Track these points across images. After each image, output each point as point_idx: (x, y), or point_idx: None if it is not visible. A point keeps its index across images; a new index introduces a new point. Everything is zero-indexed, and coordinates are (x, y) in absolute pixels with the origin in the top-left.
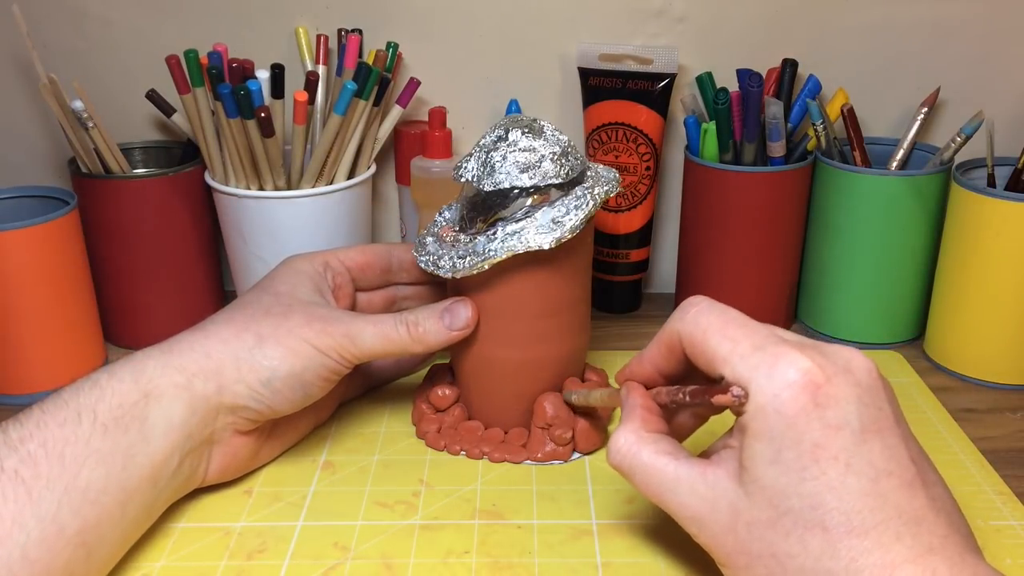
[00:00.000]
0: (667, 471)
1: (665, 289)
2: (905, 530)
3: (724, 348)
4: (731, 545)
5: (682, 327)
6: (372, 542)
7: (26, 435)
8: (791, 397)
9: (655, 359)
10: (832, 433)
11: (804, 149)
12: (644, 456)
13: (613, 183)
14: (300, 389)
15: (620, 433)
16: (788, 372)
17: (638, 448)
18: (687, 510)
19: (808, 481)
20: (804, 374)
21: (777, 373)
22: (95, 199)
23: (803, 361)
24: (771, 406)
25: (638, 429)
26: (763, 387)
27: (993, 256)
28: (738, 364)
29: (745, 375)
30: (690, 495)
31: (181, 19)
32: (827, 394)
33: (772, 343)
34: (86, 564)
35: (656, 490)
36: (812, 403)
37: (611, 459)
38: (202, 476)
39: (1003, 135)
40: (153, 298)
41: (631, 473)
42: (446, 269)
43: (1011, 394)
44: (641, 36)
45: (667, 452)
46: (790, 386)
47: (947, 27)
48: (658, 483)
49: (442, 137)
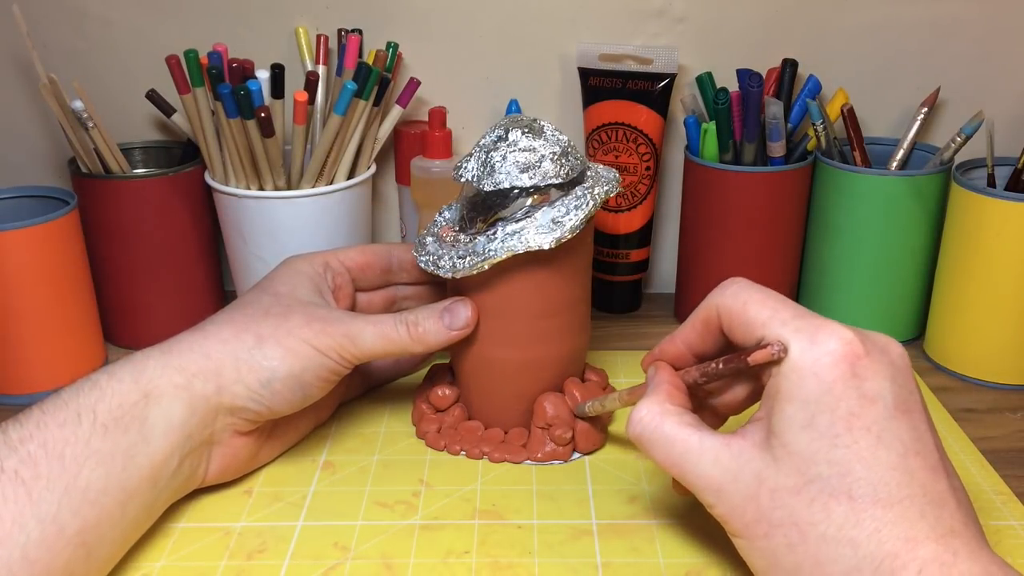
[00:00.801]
0: (691, 441)
1: (665, 289)
2: (929, 509)
3: (764, 314)
4: (751, 514)
5: (721, 300)
6: (372, 542)
7: (26, 435)
8: (831, 363)
9: (688, 337)
10: (867, 404)
11: (804, 149)
12: (667, 427)
13: (613, 183)
14: (299, 390)
15: (643, 404)
16: (830, 340)
17: (661, 419)
18: (708, 480)
19: (839, 448)
20: (846, 343)
21: (819, 339)
22: (95, 199)
23: (845, 332)
24: (810, 370)
25: (663, 401)
26: (804, 351)
27: (993, 256)
28: (779, 328)
29: (787, 338)
30: (713, 465)
31: (181, 19)
32: (865, 366)
33: (811, 315)
34: (86, 564)
35: (677, 460)
36: (851, 372)
37: (631, 429)
38: (202, 476)
39: (1003, 135)
40: (153, 298)
41: (651, 443)
42: (446, 269)
43: (1011, 394)
44: (641, 36)
45: (690, 424)
46: (831, 353)
47: (947, 27)
48: (680, 453)
49: (442, 137)
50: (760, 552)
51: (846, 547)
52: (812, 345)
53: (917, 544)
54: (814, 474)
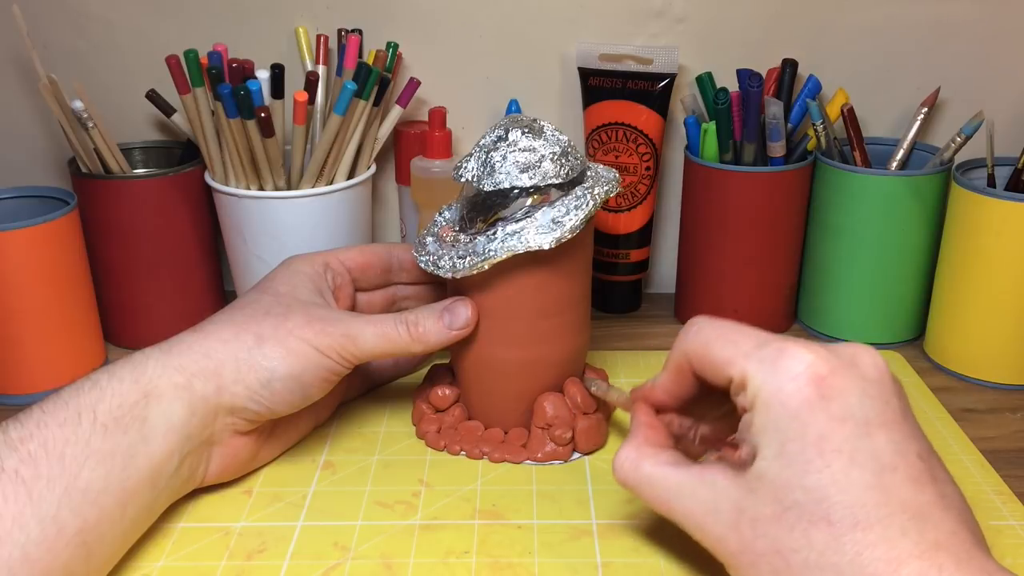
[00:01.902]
0: (668, 479)
1: (665, 289)
2: (911, 525)
3: (727, 351)
4: (735, 544)
5: (686, 346)
6: (372, 542)
7: (26, 435)
8: (795, 389)
9: (666, 385)
10: (836, 425)
11: (804, 149)
12: (645, 468)
13: (613, 183)
14: (299, 390)
15: (622, 450)
16: (792, 365)
17: (639, 462)
18: (691, 515)
19: (812, 474)
20: (808, 366)
21: (781, 366)
22: (95, 199)
23: (806, 355)
24: (775, 399)
25: (640, 444)
26: (767, 381)
27: (993, 256)
28: (743, 362)
29: (750, 371)
30: (692, 499)
31: (181, 19)
32: (831, 386)
33: (774, 340)
34: (86, 564)
35: (661, 499)
36: (816, 395)
37: (616, 476)
38: (202, 476)
39: (1003, 135)
40: (153, 298)
41: (636, 486)
42: (446, 269)
43: (1011, 394)
44: (641, 36)
45: (667, 462)
46: (794, 379)
47: (947, 27)
48: (662, 492)
49: (442, 137)
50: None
51: (829, 573)
52: (775, 374)
53: (900, 564)
54: (791, 502)
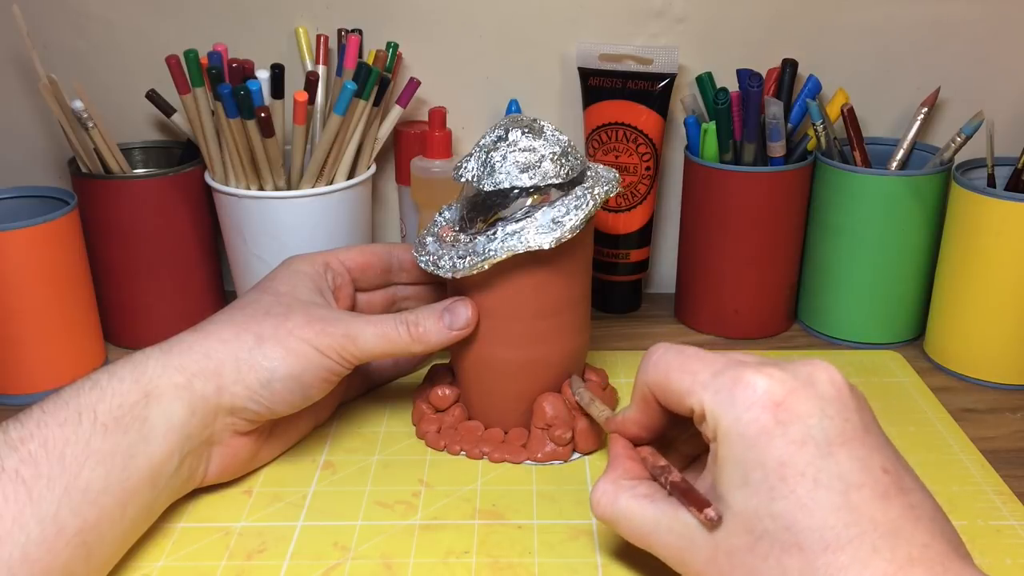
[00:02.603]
0: (645, 514)
1: (665, 289)
2: (882, 543)
3: (686, 382)
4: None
5: (646, 377)
6: (372, 542)
7: (26, 435)
8: (752, 418)
9: (635, 417)
10: (796, 449)
11: (804, 149)
12: (622, 502)
13: (613, 183)
14: (299, 390)
15: (599, 484)
16: (747, 394)
17: (615, 496)
18: (668, 549)
19: (778, 501)
20: (763, 394)
21: (736, 396)
22: (95, 199)
23: (760, 380)
24: (734, 430)
25: (617, 478)
26: (725, 412)
27: (993, 256)
28: (700, 393)
29: (708, 403)
30: (668, 533)
31: (181, 19)
32: (788, 410)
33: (730, 367)
34: (86, 564)
35: (638, 533)
36: (773, 421)
37: (594, 511)
38: (201, 476)
39: (1003, 135)
40: (153, 298)
41: (614, 520)
42: (446, 269)
43: (1011, 394)
44: (641, 36)
45: (644, 495)
46: (750, 407)
47: (947, 27)
48: (639, 526)
49: (442, 137)
50: None
51: None
52: (732, 405)
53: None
54: (761, 531)
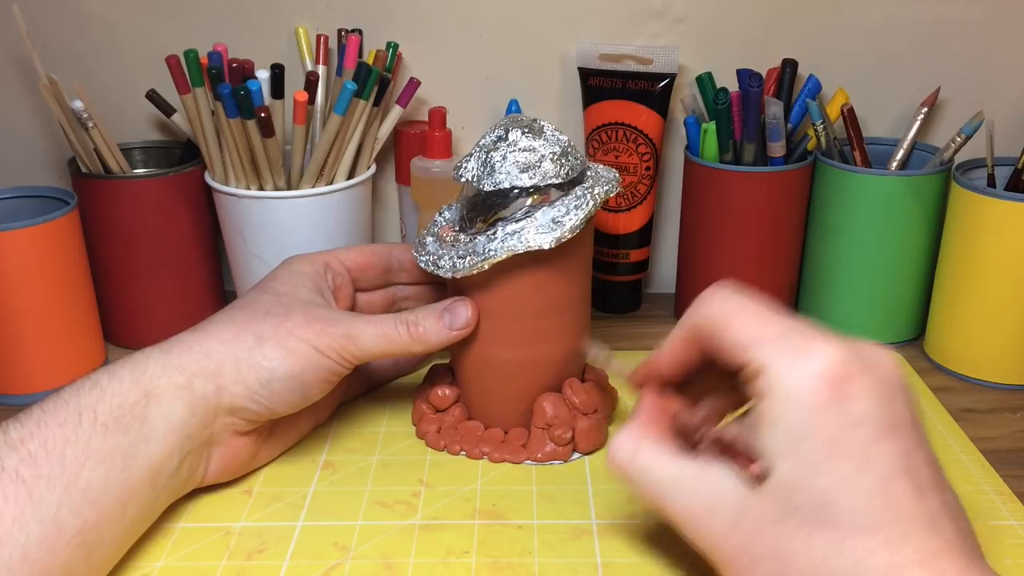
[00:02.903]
0: (666, 470)
1: (665, 289)
2: (914, 532)
3: (747, 334)
4: (732, 547)
5: (704, 315)
6: (372, 542)
7: (27, 435)
8: (813, 389)
9: (672, 356)
10: (851, 430)
11: (804, 149)
12: (643, 455)
13: (613, 183)
14: (299, 390)
15: (620, 434)
16: (812, 363)
17: (636, 448)
18: (687, 510)
19: (821, 477)
20: (829, 366)
21: (801, 363)
22: (95, 199)
23: (829, 353)
24: (792, 396)
25: (640, 433)
26: (786, 376)
27: (993, 256)
28: (762, 350)
29: (768, 362)
30: (691, 494)
31: (181, 19)
32: (848, 389)
33: (797, 333)
34: (86, 564)
35: (656, 491)
36: (835, 395)
37: (610, 462)
38: (201, 476)
39: (1003, 135)
40: (153, 298)
41: (630, 474)
42: (446, 269)
43: (1011, 394)
44: (641, 36)
45: (667, 452)
46: (813, 378)
47: (947, 27)
48: (657, 483)
49: (442, 137)
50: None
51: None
52: (795, 369)
53: (901, 570)
54: (795, 504)
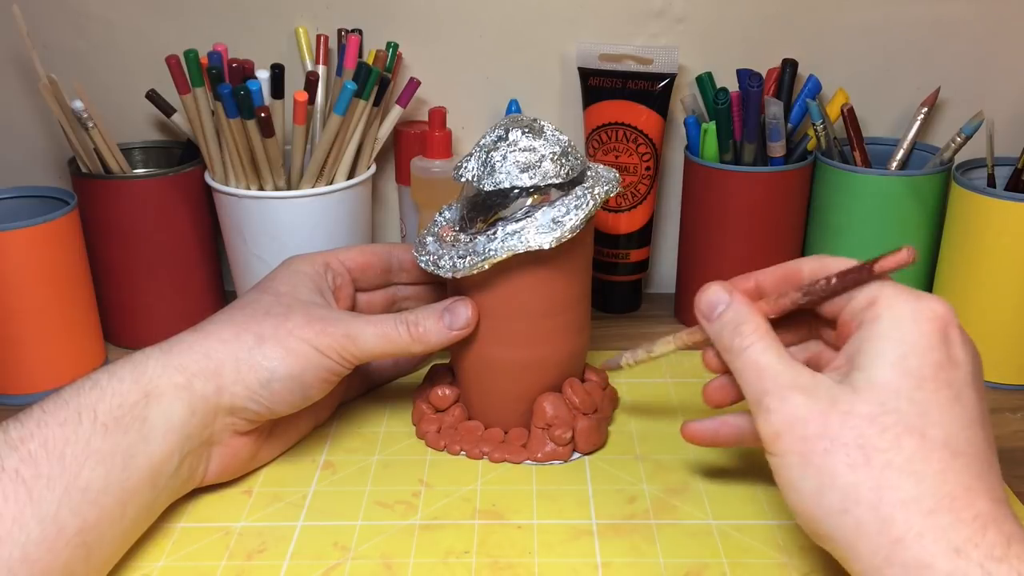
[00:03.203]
0: (783, 356)
1: (665, 289)
2: (988, 474)
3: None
4: (814, 428)
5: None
6: (372, 542)
7: (27, 435)
8: (931, 318)
9: (766, 281)
10: (953, 365)
11: (804, 149)
12: (770, 339)
13: (613, 183)
14: (299, 390)
15: (749, 317)
16: (926, 304)
17: (765, 331)
18: (781, 380)
19: (922, 391)
20: (946, 311)
21: (923, 299)
22: (95, 199)
23: (939, 302)
24: (911, 317)
25: (762, 318)
26: (905, 303)
27: (993, 256)
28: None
29: (888, 290)
30: (789, 372)
31: (181, 19)
32: (957, 335)
33: None
34: (86, 564)
35: (764, 362)
36: (944, 332)
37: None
38: (201, 476)
39: (1003, 135)
40: (153, 298)
41: (749, 348)
42: (446, 269)
43: (1011, 394)
44: (641, 36)
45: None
46: (931, 310)
47: (947, 27)
48: (772, 362)
49: (442, 137)
50: (813, 469)
51: (910, 478)
52: (914, 302)
53: (976, 495)
54: (893, 407)
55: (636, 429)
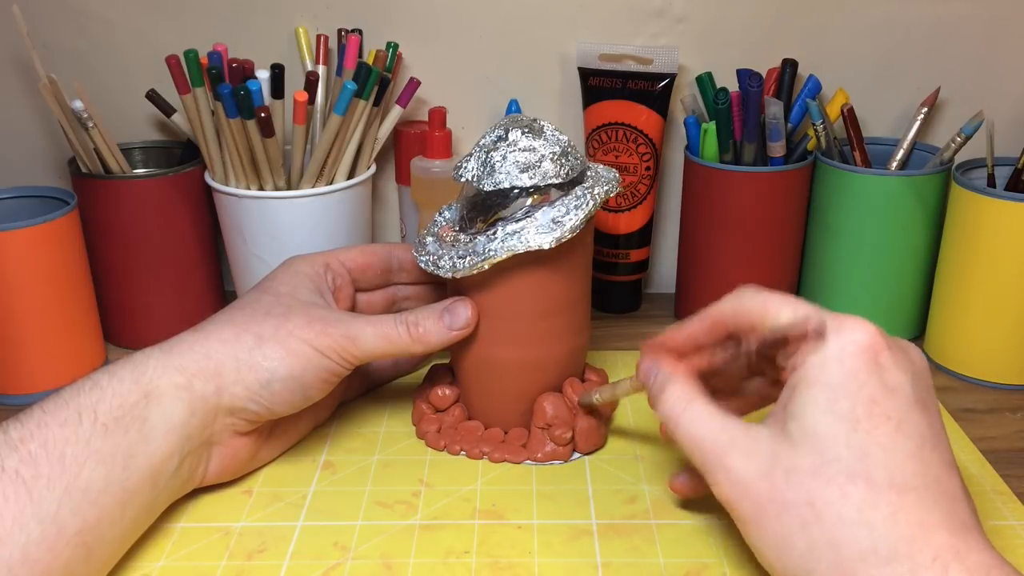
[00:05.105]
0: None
1: (665, 289)
2: (943, 501)
3: (787, 312)
4: (764, 494)
5: (738, 303)
6: (372, 542)
7: (27, 435)
8: (855, 351)
9: (695, 333)
10: (888, 394)
11: (804, 149)
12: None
13: (613, 183)
14: (299, 391)
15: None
16: (854, 331)
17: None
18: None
19: (859, 433)
20: (870, 335)
21: (844, 330)
22: (95, 199)
23: (865, 327)
24: (835, 356)
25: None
26: (830, 340)
27: (993, 256)
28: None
29: None
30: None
31: (181, 19)
32: (887, 359)
33: (831, 312)
34: (86, 564)
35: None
36: (873, 362)
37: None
38: (201, 477)
39: (1003, 135)
40: (153, 298)
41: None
42: (446, 269)
43: (1011, 394)
44: (641, 36)
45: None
46: (855, 342)
47: (947, 27)
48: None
49: (442, 137)
50: (771, 535)
51: (862, 528)
52: (837, 334)
53: (932, 531)
54: (832, 456)
55: (636, 429)
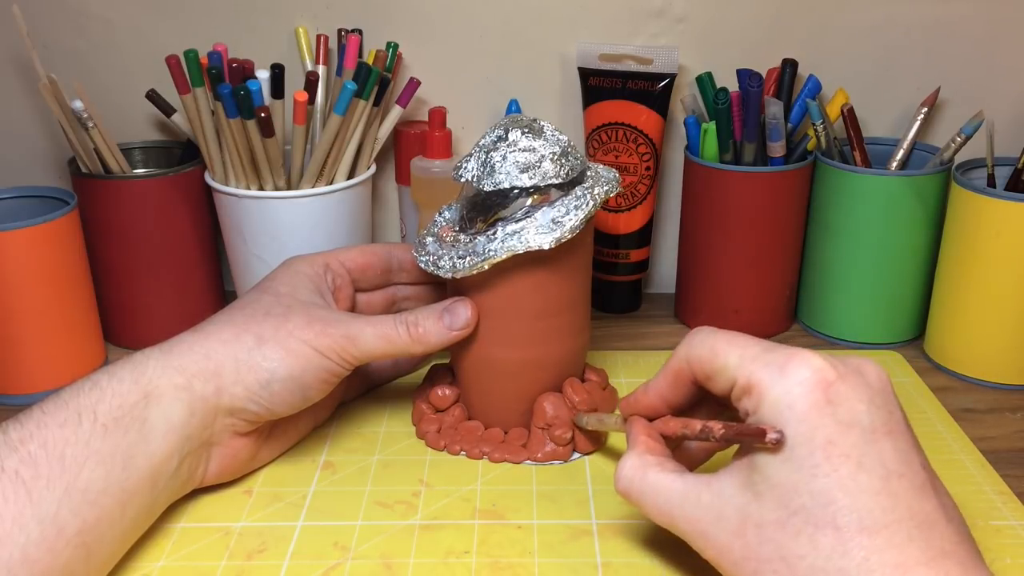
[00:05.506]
0: (673, 487)
1: (665, 289)
2: (917, 532)
3: (734, 356)
4: (739, 552)
5: (689, 351)
6: (372, 542)
7: (26, 435)
8: (803, 393)
9: (661, 389)
10: (844, 430)
11: (804, 149)
12: (650, 476)
13: (613, 183)
14: (299, 391)
15: (625, 459)
16: (800, 370)
17: (643, 471)
18: (694, 523)
19: (819, 478)
20: (816, 371)
21: (789, 371)
22: (95, 199)
23: (815, 360)
24: (783, 402)
25: (642, 454)
26: (775, 385)
27: (993, 256)
28: (750, 366)
29: (757, 375)
30: (696, 507)
31: (181, 19)
32: (838, 392)
33: (779, 349)
34: (86, 564)
35: (664, 507)
36: (824, 400)
37: (618, 485)
38: (201, 477)
39: (1003, 135)
40: (153, 298)
41: (640, 495)
42: (446, 269)
43: (1011, 394)
44: (641, 36)
45: (672, 470)
46: (802, 383)
47: (947, 27)
48: (665, 500)
49: (442, 137)
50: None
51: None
52: (783, 377)
53: (907, 570)
54: (797, 506)
55: None
